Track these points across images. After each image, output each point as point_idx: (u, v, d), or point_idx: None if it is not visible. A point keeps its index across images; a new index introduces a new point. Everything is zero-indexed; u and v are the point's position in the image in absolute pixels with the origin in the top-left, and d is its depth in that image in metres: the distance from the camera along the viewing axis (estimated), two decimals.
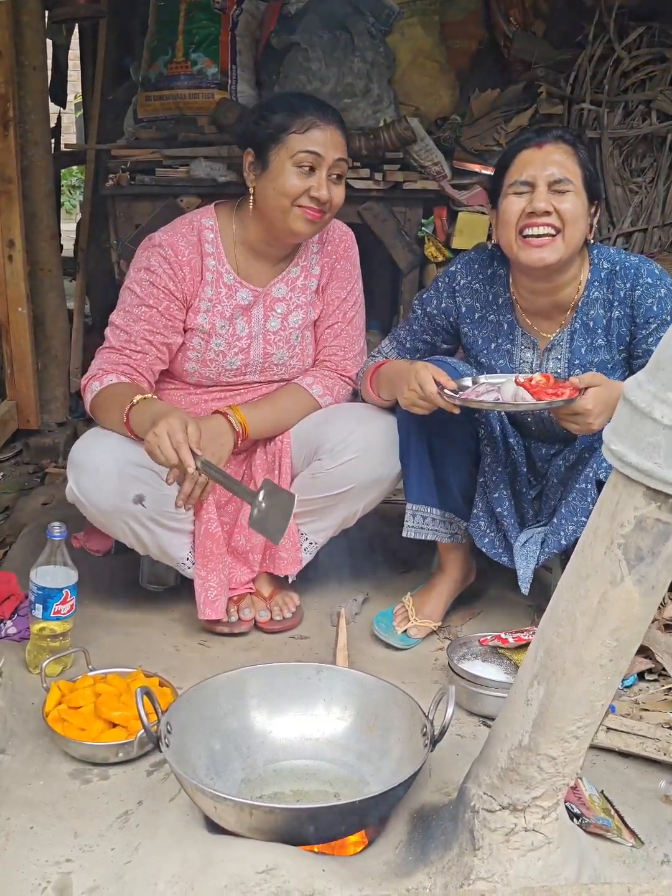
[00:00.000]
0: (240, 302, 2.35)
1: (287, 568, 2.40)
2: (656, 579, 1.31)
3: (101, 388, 2.24)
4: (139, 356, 2.29)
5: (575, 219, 2.10)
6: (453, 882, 1.51)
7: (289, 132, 2.19)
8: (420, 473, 2.29)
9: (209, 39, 3.67)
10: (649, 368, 1.25)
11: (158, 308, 2.28)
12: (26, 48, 3.25)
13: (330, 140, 2.21)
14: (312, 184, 2.19)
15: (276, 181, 2.20)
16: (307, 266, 2.41)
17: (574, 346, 2.24)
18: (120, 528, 2.26)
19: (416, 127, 3.53)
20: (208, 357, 2.36)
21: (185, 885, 1.52)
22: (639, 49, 3.72)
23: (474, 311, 2.31)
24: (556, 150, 2.12)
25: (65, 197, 8.36)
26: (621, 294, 2.19)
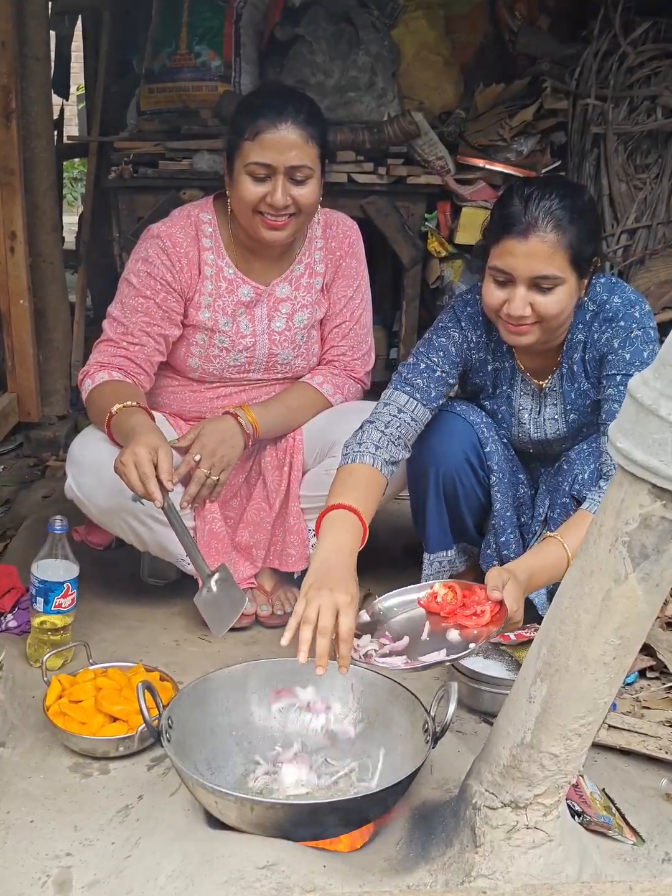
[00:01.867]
0: (241, 298, 2.32)
1: (295, 565, 2.40)
2: (661, 577, 1.30)
3: (91, 386, 2.23)
4: (136, 348, 2.27)
5: (557, 313, 1.99)
6: (454, 879, 1.51)
7: (242, 138, 2.14)
8: (440, 523, 2.28)
9: (213, 31, 3.66)
10: (655, 366, 1.24)
11: (156, 299, 2.27)
12: (29, 39, 3.24)
13: (281, 145, 2.11)
14: (268, 190, 2.14)
15: (236, 190, 2.19)
16: (311, 263, 2.37)
17: (564, 390, 2.20)
18: (119, 525, 2.26)
19: (420, 121, 3.52)
20: (212, 353, 2.34)
21: (185, 880, 1.51)
22: (644, 44, 3.71)
23: (486, 364, 2.25)
24: (543, 243, 1.92)
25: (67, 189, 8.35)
26: (595, 336, 2.10)
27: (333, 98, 3.57)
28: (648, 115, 3.72)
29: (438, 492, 2.24)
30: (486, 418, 2.28)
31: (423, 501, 2.27)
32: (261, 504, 2.42)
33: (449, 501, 2.26)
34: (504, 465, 2.27)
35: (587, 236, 1.98)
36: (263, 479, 2.44)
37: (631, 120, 3.71)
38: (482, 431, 2.25)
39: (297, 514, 2.38)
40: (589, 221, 2.00)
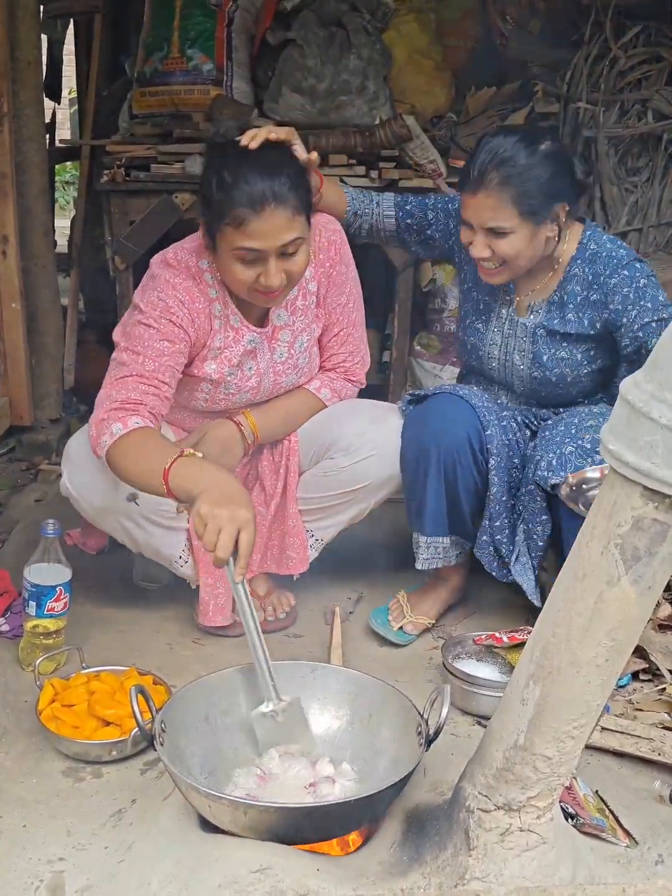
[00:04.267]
0: (247, 347, 2.24)
1: (295, 567, 2.40)
2: (653, 579, 1.30)
3: (125, 431, 1.98)
4: (166, 388, 2.09)
5: (516, 254, 2.18)
6: (448, 882, 1.51)
7: (224, 222, 1.99)
8: (437, 506, 2.29)
9: (204, 35, 3.66)
10: (647, 368, 1.25)
11: (179, 346, 2.13)
12: (21, 43, 3.24)
13: (267, 230, 1.98)
14: (260, 271, 2.03)
15: (223, 268, 2.08)
16: (303, 284, 2.26)
17: (549, 315, 2.32)
18: (112, 525, 2.25)
19: (412, 125, 3.52)
20: (217, 397, 2.29)
21: (178, 885, 1.51)
22: (635, 48, 3.71)
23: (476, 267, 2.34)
24: (487, 198, 2.13)
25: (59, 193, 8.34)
26: (600, 279, 2.24)
27: (325, 102, 3.57)
28: (639, 118, 3.73)
29: (439, 472, 2.24)
30: (487, 402, 2.30)
31: (423, 482, 2.27)
32: (258, 508, 2.42)
33: (448, 484, 2.26)
34: (503, 449, 2.28)
35: (536, 189, 2.13)
36: (261, 482, 2.43)
37: (622, 123, 3.71)
38: (483, 415, 2.26)
39: (295, 517, 2.38)
40: (540, 174, 2.14)
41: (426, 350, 3.80)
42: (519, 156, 2.13)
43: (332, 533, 2.41)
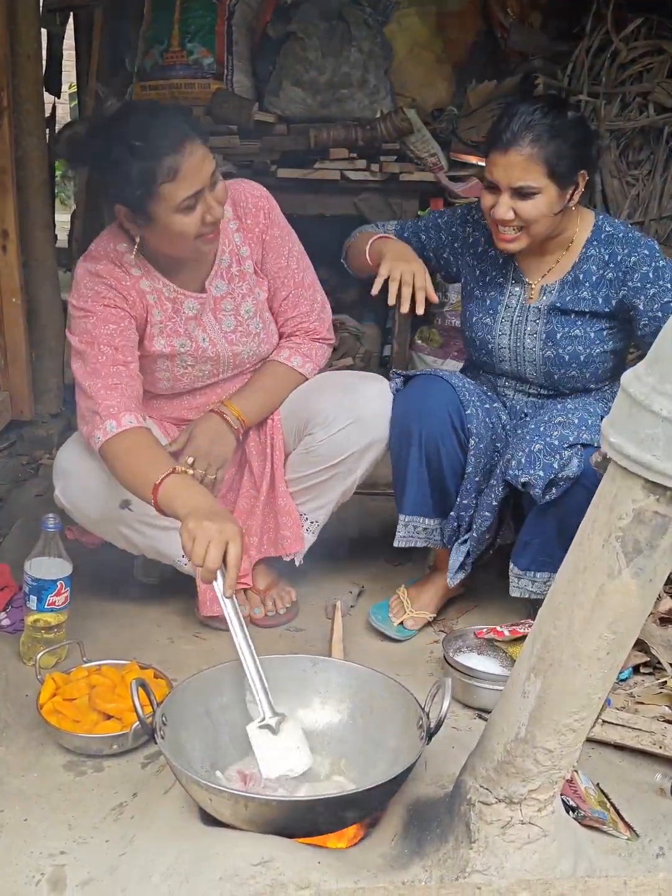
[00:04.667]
0: (189, 313, 2.26)
1: (291, 546, 2.37)
2: (654, 572, 1.30)
3: (119, 430, 2.06)
4: (133, 365, 2.16)
5: (537, 218, 2.20)
6: (449, 875, 1.51)
7: (157, 184, 1.99)
8: (419, 485, 2.30)
9: (205, 29, 3.65)
10: (648, 360, 1.25)
11: (122, 324, 2.17)
12: (20, 37, 3.22)
13: (196, 166, 2.01)
14: (202, 212, 2.05)
15: (169, 232, 2.07)
16: (234, 250, 2.28)
17: (562, 294, 2.33)
18: (111, 533, 2.27)
19: (413, 118, 3.52)
20: (178, 373, 2.31)
21: (179, 878, 1.51)
22: (636, 41, 3.70)
23: (477, 245, 2.43)
24: (520, 156, 2.15)
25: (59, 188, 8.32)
26: (618, 258, 2.27)
27: (326, 95, 3.57)
28: (640, 111, 3.72)
29: (421, 451, 2.26)
30: (468, 383, 2.32)
31: (406, 462, 2.28)
32: (250, 492, 2.42)
33: (432, 464, 2.27)
34: (483, 430, 2.28)
35: (565, 150, 2.17)
36: (249, 466, 2.43)
37: (623, 116, 3.70)
38: (464, 395, 2.27)
39: (285, 495, 2.37)
40: (569, 137, 2.18)
41: (427, 344, 3.79)
42: (550, 117, 2.17)
43: (325, 513, 2.40)
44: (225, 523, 1.80)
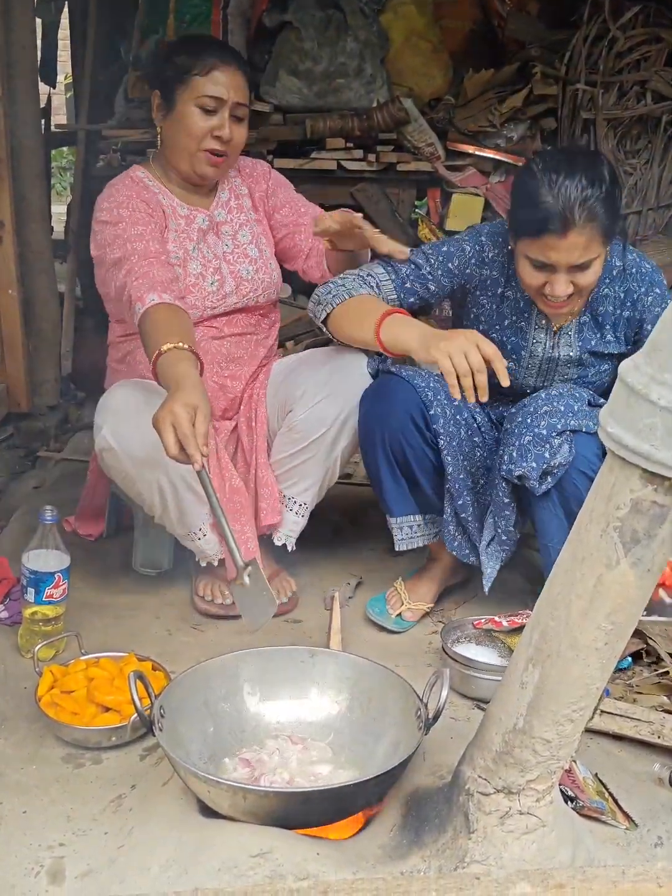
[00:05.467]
0: (200, 225, 2.42)
1: (268, 518, 2.36)
2: (652, 562, 1.30)
3: (156, 302, 2.13)
4: (165, 256, 2.27)
5: (594, 282, 2.15)
6: (448, 865, 1.51)
7: (192, 73, 2.27)
8: (395, 486, 2.29)
9: (200, 18, 3.64)
10: (646, 350, 1.24)
11: (151, 224, 2.30)
12: (15, 26, 3.21)
13: (231, 82, 2.29)
14: (215, 123, 2.28)
15: (181, 122, 2.30)
16: (233, 188, 2.50)
17: (583, 337, 2.29)
18: (148, 480, 2.18)
19: (410, 107, 3.51)
20: (189, 283, 2.36)
21: (178, 870, 1.51)
22: (634, 29, 3.70)
23: (497, 286, 2.32)
24: (580, 237, 2.03)
25: (56, 179, 8.30)
26: (634, 296, 2.26)
27: (322, 85, 3.56)
28: (638, 100, 3.71)
29: (387, 453, 2.25)
30: (433, 383, 2.25)
31: (376, 465, 2.27)
32: (245, 465, 2.42)
33: (401, 464, 2.26)
34: (453, 428, 2.26)
35: (615, 212, 2.10)
36: (241, 443, 2.44)
37: (621, 105, 3.70)
38: (426, 395, 2.23)
39: (263, 467, 2.38)
40: (615, 197, 2.10)
41: None
42: (595, 186, 2.04)
43: (311, 495, 2.38)
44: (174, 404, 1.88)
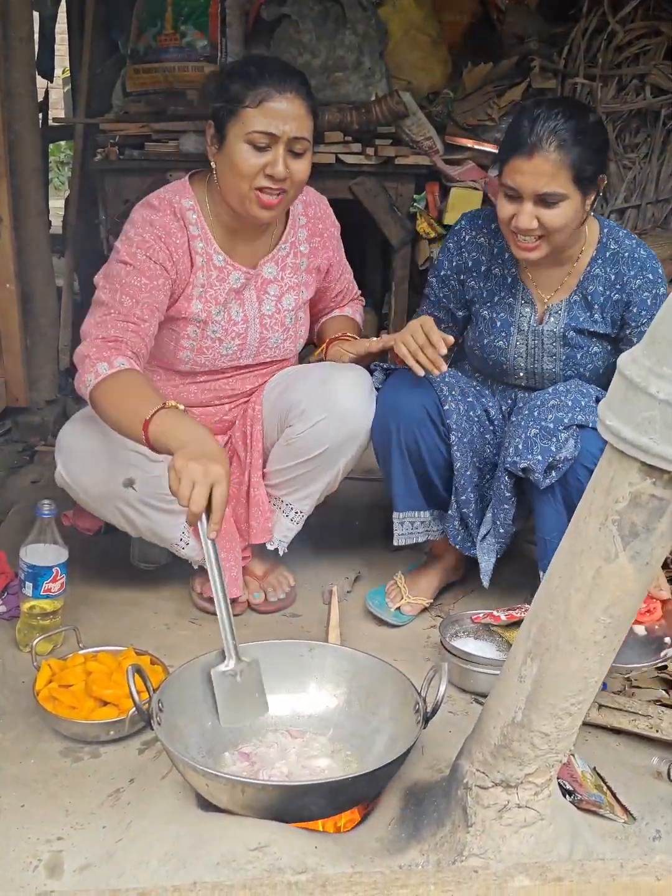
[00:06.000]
0: (232, 285, 2.26)
1: (257, 537, 2.37)
2: (651, 555, 1.30)
3: (110, 371, 1.98)
4: (146, 325, 2.11)
5: (561, 226, 2.13)
6: (446, 859, 1.51)
7: (243, 105, 2.06)
8: (406, 481, 2.29)
9: (198, 11, 3.61)
10: (645, 343, 1.24)
11: (157, 282, 2.15)
12: (12, 19, 3.20)
13: (286, 114, 2.06)
14: (268, 160, 2.07)
15: (231, 160, 2.10)
16: (295, 243, 2.34)
17: (572, 314, 2.29)
18: (110, 511, 2.24)
19: (409, 101, 3.49)
20: (204, 345, 2.28)
21: (177, 863, 1.51)
22: (633, 22, 3.67)
23: (480, 265, 2.35)
24: (546, 162, 2.07)
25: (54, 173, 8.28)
26: (624, 279, 2.24)
27: (320, 78, 3.54)
28: (637, 93, 3.69)
29: (401, 448, 2.25)
30: (449, 377, 2.28)
31: (388, 459, 2.28)
32: (239, 478, 2.41)
33: (413, 459, 2.27)
34: (465, 424, 2.27)
35: (590, 156, 2.11)
36: (237, 455, 2.43)
37: (620, 99, 3.68)
38: (441, 390, 2.25)
39: (257, 486, 2.37)
40: (593, 141, 2.12)
41: None
42: (573, 122, 2.09)
43: (309, 503, 2.38)
44: (212, 464, 1.76)
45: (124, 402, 1.96)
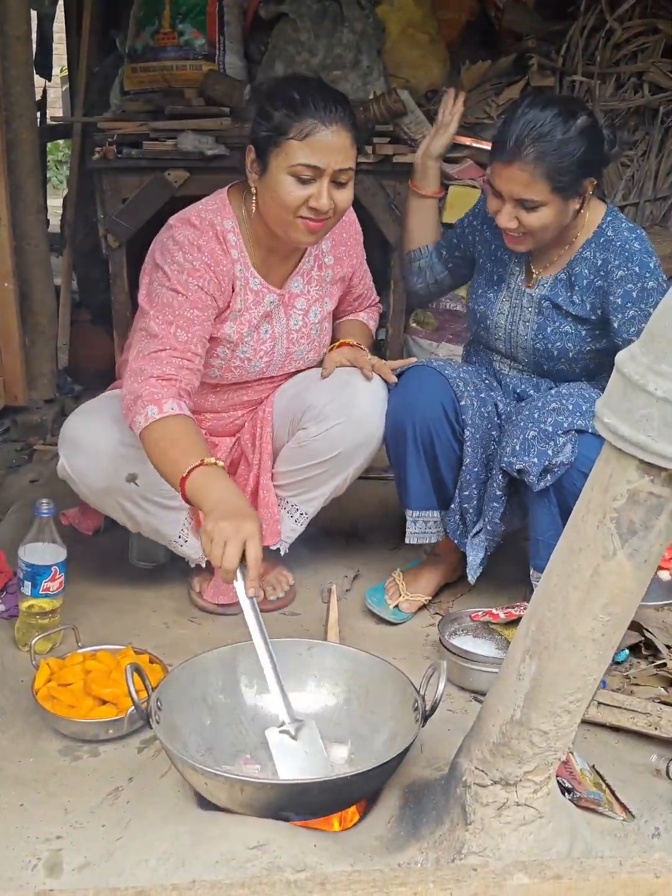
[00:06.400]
0: (266, 308, 2.25)
1: (265, 539, 2.33)
2: (649, 553, 1.30)
3: (160, 416, 1.96)
4: (199, 360, 2.09)
5: (542, 227, 2.17)
6: (445, 857, 1.51)
7: (287, 137, 2.01)
8: (420, 479, 2.29)
9: (196, 10, 3.61)
10: (643, 340, 1.24)
11: (207, 313, 2.12)
12: (10, 18, 3.20)
13: (332, 147, 2.02)
14: (312, 192, 2.03)
15: (274, 190, 2.05)
16: (319, 255, 2.32)
17: (554, 291, 2.31)
18: (112, 506, 2.24)
19: (407, 99, 3.49)
20: (234, 364, 2.28)
21: (176, 862, 1.51)
22: (631, 20, 3.68)
23: (491, 243, 2.41)
24: (521, 172, 2.09)
25: (52, 172, 8.28)
26: (607, 268, 2.22)
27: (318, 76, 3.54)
28: (635, 91, 3.70)
29: (417, 444, 2.25)
30: (464, 372, 2.30)
31: (403, 455, 2.27)
32: (246, 480, 2.41)
33: (427, 456, 2.27)
34: (478, 420, 2.27)
35: (571, 165, 2.11)
36: (245, 456, 2.43)
37: (618, 96, 3.69)
38: (458, 386, 2.26)
39: (266, 488, 2.37)
40: (576, 149, 2.11)
41: (422, 327, 3.78)
42: (556, 131, 2.09)
43: (314, 506, 2.38)
44: (243, 521, 1.74)
45: (168, 452, 1.94)
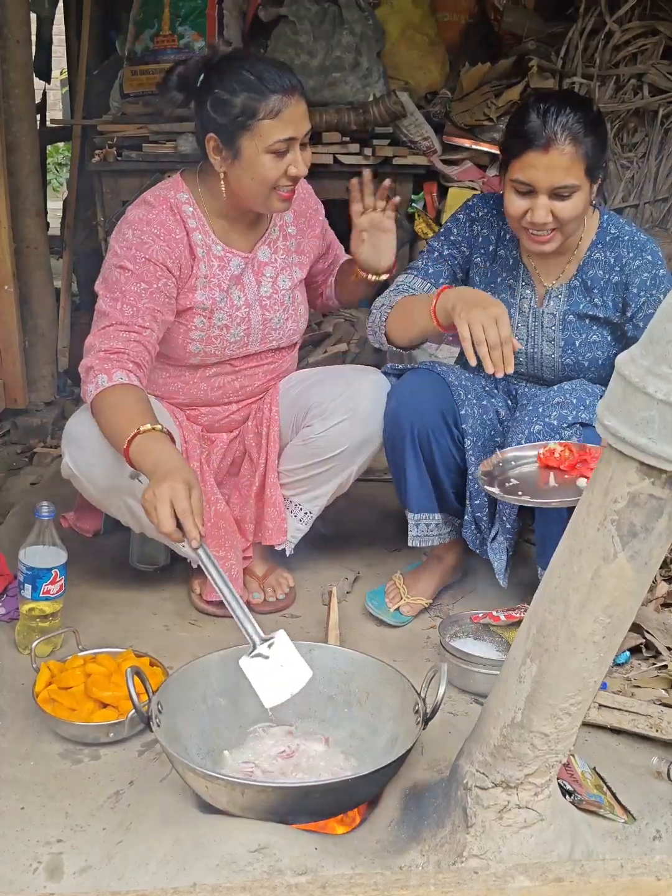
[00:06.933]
0: (233, 272, 2.28)
1: (271, 538, 2.37)
2: (649, 555, 1.30)
3: (108, 385, 2.02)
4: (147, 332, 2.13)
5: (574, 217, 2.15)
6: (446, 859, 1.51)
7: (257, 119, 2.06)
8: (420, 482, 2.28)
9: (195, 13, 3.62)
10: (643, 342, 1.24)
11: (157, 284, 2.15)
12: (9, 21, 3.21)
13: (300, 116, 2.11)
14: (289, 163, 2.11)
15: (252, 171, 2.11)
16: (283, 226, 2.37)
17: (573, 300, 2.30)
18: (116, 504, 2.22)
19: (406, 101, 3.50)
20: (212, 334, 2.29)
21: (176, 865, 1.51)
22: (630, 22, 3.68)
23: (489, 244, 2.37)
24: (562, 155, 2.09)
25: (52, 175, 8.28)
26: (623, 261, 2.25)
27: (318, 79, 3.55)
28: (635, 93, 3.70)
29: (416, 448, 2.24)
30: (465, 379, 2.29)
31: (402, 459, 2.27)
32: (250, 479, 2.41)
33: (426, 460, 2.26)
34: (479, 428, 2.27)
35: (599, 146, 2.15)
36: (248, 455, 2.43)
37: (617, 98, 3.69)
38: (459, 393, 2.25)
39: (273, 486, 2.37)
40: (599, 132, 2.16)
41: None
42: (581, 114, 2.12)
43: (319, 505, 2.39)
44: (171, 481, 1.81)
45: (115, 419, 2.01)
